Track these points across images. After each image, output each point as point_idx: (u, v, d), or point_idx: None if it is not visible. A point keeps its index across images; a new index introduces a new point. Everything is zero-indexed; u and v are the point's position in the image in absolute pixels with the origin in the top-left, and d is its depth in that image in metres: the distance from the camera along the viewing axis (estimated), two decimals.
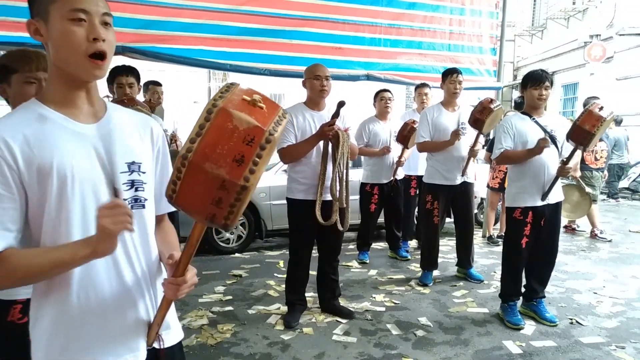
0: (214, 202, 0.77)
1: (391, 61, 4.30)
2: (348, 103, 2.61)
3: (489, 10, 4.74)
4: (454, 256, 3.97)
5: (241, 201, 0.78)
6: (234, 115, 0.77)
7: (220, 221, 0.80)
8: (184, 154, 0.77)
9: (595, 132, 2.54)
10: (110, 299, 0.94)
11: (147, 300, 1.00)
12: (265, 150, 0.78)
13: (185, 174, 0.77)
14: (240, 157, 0.76)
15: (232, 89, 0.83)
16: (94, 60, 0.90)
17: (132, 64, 2.93)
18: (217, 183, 0.76)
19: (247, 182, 0.77)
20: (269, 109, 0.82)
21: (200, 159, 0.76)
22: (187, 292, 0.96)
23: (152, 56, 3.48)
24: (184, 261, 0.92)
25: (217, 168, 0.76)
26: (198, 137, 0.77)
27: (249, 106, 0.80)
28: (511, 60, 14.37)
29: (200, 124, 0.78)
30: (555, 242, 2.90)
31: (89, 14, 0.89)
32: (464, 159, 3.48)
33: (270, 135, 0.78)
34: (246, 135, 0.77)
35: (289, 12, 3.83)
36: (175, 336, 1.11)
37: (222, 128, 0.77)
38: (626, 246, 4.92)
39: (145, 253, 1.01)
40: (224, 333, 2.70)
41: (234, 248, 4.53)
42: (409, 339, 2.66)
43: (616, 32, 10.44)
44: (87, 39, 0.89)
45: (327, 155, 2.65)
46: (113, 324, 0.95)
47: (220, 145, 0.76)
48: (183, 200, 0.80)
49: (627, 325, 2.88)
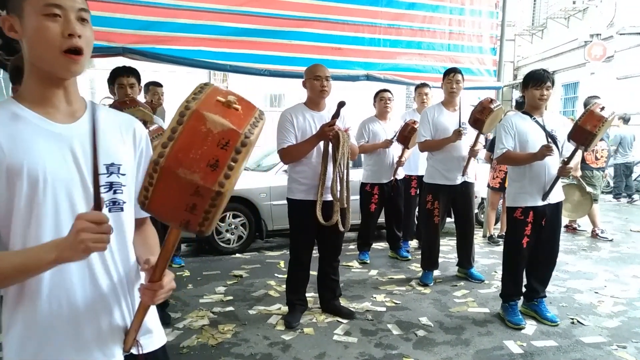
0: (188, 208, 0.75)
1: (391, 61, 4.31)
2: (348, 103, 2.61)
3: (489, 10, 4.74)
4: (454, 256, 3.97)
5: (216, 207, 0.75)
6: (208, 118, 0.74)
7: (195, 227, 0.77)
8: (156, 159, 0.73)
9: (596, 133, 2.54)
10: (84, 305, 0.91)
11: (123, 306, 0.97)
12: (241, 154, 0.75)
13: (158, 180, 0.74)
14: (215, 161, 0.73)
15: (205, 89, 0.80)
16: (69, 55, 0.87)
17: (133, 64, 2.93)
18: (190, 189, 0.73)
19: (222, 187, 0.74)
20: (245, 111, 0.79)
21: (173, 164, 0.73)
22: (164, 298, 0.92)
23: (152, 57, 3.48)
24: (161, 266, 0.87)
25: (191, 173, 0.73)
26: (170, 142, 0.74)
27: (224, 108, 0.77)
28: (511, 60, 14.37)
29: (173, 127, 0.75)
30: (556, 241, 2.90)
31: (64, 9, 0.87)
32: (464, 159, 3.48)
33: (246, 138, 0.75)
34: (221, 138, 0.74)
35: (289, 12, 3.83)
36: (157, 341, 1.08)
37: (196, 131, 0.74)
38: (627, 246, 4.91)
39: (123, 257, 0.98)
40: (225, 333, 2.70)
41: (235, 248, 4.53)
42: (409, 339, 2.66)
43: (616, 31, 10.43)
44: (62, 35, 0.86)
45: (328, 155, 2.65)
46: (87, 330, 0.92)
47: (193, 150, 0.73)
48: (156, 206, 0.77)
49: (628, 325, 2.87)
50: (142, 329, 1.00)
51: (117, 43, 3.32)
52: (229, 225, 4.50)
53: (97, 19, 3.21)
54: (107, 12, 3.26)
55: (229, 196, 0.78)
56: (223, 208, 0.79)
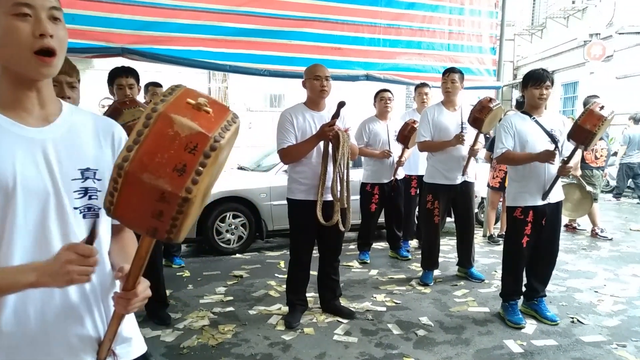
0: (155, 215, 0.71)
1: (390, 61, 4.31)
2: (348, 103, 2.61)
3: (489, 9, 4.74)
4: (454, 256, 3.97)
5: (184, 214, 0.71)
6: (175, 121, 0.71)
7: (163, 235, 0.73)
8: (120, 164, 0.70)
9: (596, 132, 2.54)
10: (53, 315, 0.88)
11: (95, 315, 0.94)
12: (209, 158, 0.71)
13: (122, 185, 0.71)
14: (182, 166, 0.70)
15: (176, 91, 0.77)
16: (41, 57, 0.83)
17: (132, 65, 2.93)
18: (156, 195, 0.70)
19: (189, 193, 0.70)
20: (217, 113, 0.76)
21: (138, 168, 0.70)
22: (140, 307, 0.88)
23: (151, 57, 3.48)
24: (134, 274, 0.84)
25: (156, 179, 0.69)
26: (135, 145, 0.71)
27: (193, 110, 0.74)
28: (511, 60, 14.37)
29: (138, 130, 0.71)
30: (556, 241, 2.90)
31: (34, 8, 0.83)
32: (464, 159, 3.48)
33: (216, 142, 0.72)
34: (188, 142, 0.71)
35: (289, 12, 3.83)
36: (136, 350, 1.05)
37: (162, 135, 0.71)
38: (627, 245, 4.92)
39: (98, 266, 0.92)
40: (225, 334, 2.70)
41: (235, 249, 4.53)
42: (410, 339, 2.66)
43: (616, 30, 10.44)
44: (33, 35, 0.82)
45: (328, 155, 2.65)
46: (57, 341, 0.89)
47: (159, 154, 0.70)
48: (121, 212, 0.74)
49: (628, 324, 2.88)
50: (119, 337, 0.97)
51: (116, 43, 3.31)
52: (229, 225, 4.50)
53: (95, 19, 3.22)
54: (105, 13, 3.25)
55: (199, 203, 0.75)
56: (194, 215, 0.75)
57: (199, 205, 0.76)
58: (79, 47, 3.17)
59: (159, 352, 2.46)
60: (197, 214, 0.80)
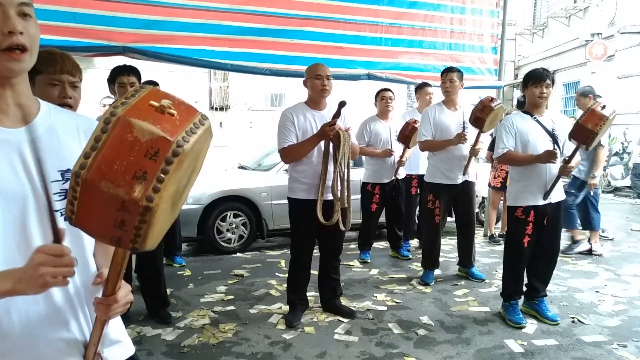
0: (117, 224, 0.68)
1: (392, 60, 4.30)
2: (349, 102, 2.60)
3: (490, 9, 4.74)
4: (455, 255, 3.97)
5: (147, 223, 0.67)
6: (135, 125, 0.67)
7: (127, 245, 0.70)
8: (77, 172, 0.67)
9: (597, 131, 2.53)
10: (38, 319, 0.86)
11: (80, 319, 0.92)
12: (172, 164, 0.67)
13: (81, 194, 0.68)
14: (142, 173, 0.66)
15: (139, 93, 0.73)
16: (10, 52, 0.81)
17: (133, 64, 2.92)
18: (116, 204, 0.66)
19: (150, 202, 0.66)
20: (182, 116, 0.72)
21: (95, 177, 0.66)
22: (121, 312, 0.86)
23: (152, 56, 3.47)
24: (112, 279, 0.82)
25: (115, 187, 0.66)
26: (93, 152, 0.67)
27: (156, 113, 0.69)
28: (512, 59, 14.34)
29: (96, 136, 0.68)
30: (557, 241, 2.90)
31: (1, 4, 0.80)
32: (465, 158, 3.48)
33: (179, 147, 0.67)
34: (149, 147, 0.67)
35: (290, 11, 3.82)
36: (124, 351, 1.04)
37: (121, 140, 0.67)
38: (628, 245, 4.91)
39: (81, 268, 0.91)
40: (226, 332, 2.70)
41: (236, 248, 4.53)
42: (410, 338, 2.66)
43: (617, 30, 10.41)
44: (1, 33, 0.80)
45: (329, 155, 2.65)
46: (43, 346, 0.87)
47: (118, 161, 0.66)
48: (83, 222, 0.71)
49: (629, 324, 2.87)
50: (106, 340, 0.96)
51: (117, 42, 3.31)
52: (229, 224, 4.50)
53: (96, 17, 3.22)
54: (107, 11, 3.25)
55: (165, 210, 0.71)
56: (162, 223, 0.72)
57: (166, 213, 0.73)
58: (80, 45, 3.17)
59: (160, 351, 2.47)
60: (167, 221, 0.76)
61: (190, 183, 0.82)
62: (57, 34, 3.06)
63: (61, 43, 3.00)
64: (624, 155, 9.30)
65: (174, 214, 0.79)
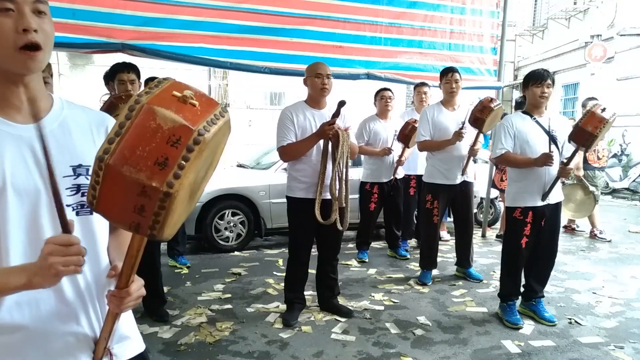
0: (137, 210, 0.69)
1: (392, 60, 4.30)
2: (348, 102, 2.60)
3: (490, 9, 4.73)
4: (453, 255, 3.97)
5: (166, 210, 0.69)
6: (158, 113, 0.69)
7: (145, 231, 0.71)
8: (100, 156, 0.69)
9: (597, 134, 2.52)
10: (49, 314, 0.87)
11: (91, 314, 0.93)
12: (193, 152, 0.69)
13: (103, 179, 0.69)
14: (164, 160, 0.68)
15: (162, 84, 0.75)
16: (26, 51, 0.81)
17: (132, 61, 2.92)
18: (137, 189, 0.68)
19: (170, 188, 0.67)
20: (204, 106, 0.74)
21: (118, 161, 0.68)
22: (134, 305, 0.87)
23: (152, 54, 3.46)
24: (126, 272, 0.83)
25: (137, 172, 0.67)
26: (117, 137, 0.69)
27: (178, 103, 0.72)
28: (512, 60, 14.35)
29: (121, 122, 0.70)
30: (555, 242, 2.90)
31: (17, 2, 0.80)
32: (464, 159, 3.48)
33: (200, 135, 0.69)
34: (171, 135, 0.68)
35: (290, 10, 3.82)
36: (134, 348, 1.04)
37: (144, 127, 0.69)
38: (625, 246, 4.92)
39: (92, 263, 0.92)
40: (223, 331, 2.70)
41: (233, 246, 4.52)
42: (407, 338, 2.66)
43: (617, 32, 10.42)
44: (17, 31, 0.80)
45: (327, 154, 2.65)
46: (53, 340, 0.88)
47: (141, 147, 0.68)
48: (104, 207, 0.73)
49: (625, 326, 2.88)
50: (116, 336, 0.96)
51: (116, 39, 3.30)
52: (227, 223, 4.50)
53: (96, 14, 3.21)
54: (106, 8, 3.24)
55: (184, 199, 0.72)
56: (180, 212, 0.73)
57: (184, 202, 0.74)
58: (79, 42, 3.16)
59: (157, 349, 2.46)
60: (184, 211, 0.77)
61: (208, 177, 0.83)
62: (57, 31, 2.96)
63: (60, 39, 2.99)
64: (622, 157, 9.32)
65: (191, 205, 0.80)
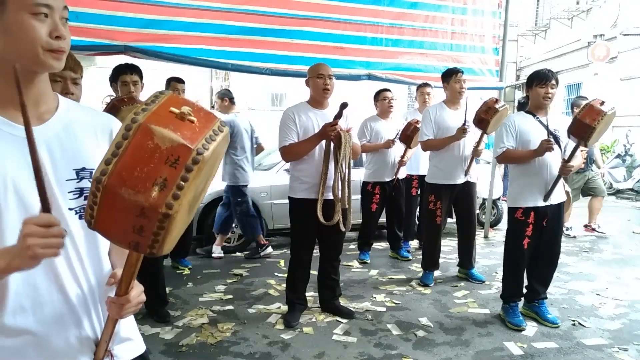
0: (136, 230, 0.69)
1: (393, 61, 4.30)
2: (350, 103, 2.60)
3: (492, 9, 4.73)
4: (455, 256, 3.96)
5: (165, 229, 0.68)
6: (155, 132, 0.68)
7: (145, 250, 0.71)
8: (98, 177, 0.68)
9: (595, 126, 2.51)
10: (52, 317, 0.87)
11: (93, 316, 0.93)
12: (192, 172, 0.68)
13: (101, 200, 0.69)
14: (162, 180, 0.67)
15: (159, 99, 0.73)
16: (53, 52, 0.84)
17: (135, 63, 2.93)
18: (136, 210, 0.67)
19: (169, 209, 0.67)
20: (202, 122, 0.72)
21: (116, 183, 0.67)
22: (134, 312, 0.88)
23: (154, 55, 3.48)
24: (126, 280, 0.83)
25: (135, 194, 0.66)
26: (114, 158, 0.68)
27: (176, 120, 0.70)
28: (514, 61, 14.32)
29: (117, 142, 0.69)
30: (557, 242, 2.88)
31: (52, 9, 0.83)
32: (467, 159, 3.47)
33: (199, 154, 0.68)
34: (169, 155, 0.67)
35: (291, 11, 3.83)
36: (135, 349, 1.04)
37: (142, 147, 0.67)
38: (629, 247, 4.89)
39: (95, 266, 0.93)
40: (224, 332, 2.70)
41: (235, 247, 4.53)
42: (409, 339, 2.65)
43: (620, 32, 10.38)
44: (50, 36, 0.83)
45: (329, 154, 2.65)
46: (56, 342, 0.88)
47: (138, 168, 0.67)
48: (102, 226, 0.72)
49: (629, 327, 2.86)
50: (117, 338, 0.97)
51: (118, 41, 3.31)
52: None
53: (99, 16, 3.23)
54: (109, 10, 3.26)
55: (182, 216, 0.72)
56: (179, 228, 0.73)
57: (183, 218, 0.74)
58: (82, 44, 3.18)
59: (158, 350, 2.46)
60: (184, 225, 0.77)
61: (207, 188, 0.82)
62: None
63: None
64: (626, 158, 9.26)
65: (190, 218, 0.80)
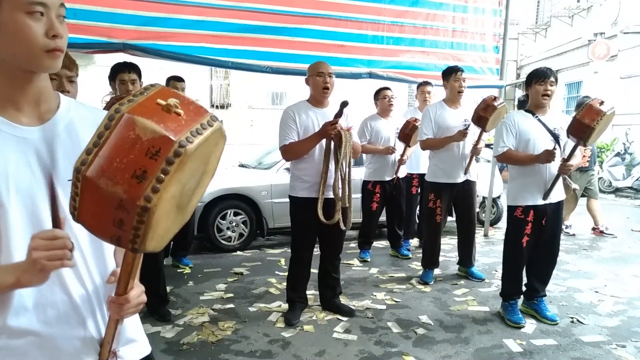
0: (116, 223, 0.67)
1: (394, 59, 4.29)
2: (350, 101, 2.60)
3: (492, 8, 4.72)
4: (455, 255, 3.97)
5: (145, 224, 0.66)
6: (138, 123, 0.65)
7: (127, 244, 0.69)
8: (78, 167, 0.67)
9: (594, 126, 2.51)
10: (56, 317, 0.87)
11: (98, 317, 0.93)
12: (173, 165, 0.65)
13: (82, 191, 0.67)
14: (142, 172, 0.64)
15: (148, 91, 0.72)
16: (51, 52, 0.83)
17: (135, 61, 2.92)
18: (114, 202, 0.65)
19: (148, 202, 0.64)
20: (190, 115, 0.70)
21: (95, 173, 0.65)
22: (134, 312, 0.87)
23: (153, 53, 3.47)
24: (123, 279, 0.82)
25: (113, 185, 0.65)
26: (95, 148, 0.66)
27: (162, 112, 0.68)
28: (514, 59, 14.31)
29: (100, 132, 0.67)
30: (556, 241, 2.89)
31: (48, 7, 0.81)
32: (466, 157, 3.47)
33: (181, 147, 0.65)
34: (150, 146, 0.65)
35: (292, 9, 3.82)
36: (140, 350, 1.03)
37: (123, 138, 0.65)
38: (628, 245, 4.90)
39: (99, 267, 0.93)
40: (225, 330, 2.71)
41: (236, 246, 4.53)
42: (409, 337, 2.66)
43: (620, 30, 10.37)
44: (47, 36, 0.82)
45: (330, 153, 2.65)
46: (59, 343, 0.88)
47: (118, 158, 0.65)
48: (84, 218, 0.71)
49: (628, 324, 2.87)
50: (122, 338, 0.97)
51: (117, 39, 3.30)
52: (230, 222, 4.51)
53: (97, 14, 3.21)
54: (107, 8, 3.25)
55: (167, 212, 0.69)
56: (164, 226, 0.70)
57: (169, 215, 0.71)
58: (81, 42, 3.16)
59: (159, 348, 2.47)
60: (174, 224, 0.74)
61: (202, 186, 0.80)
62: None
63: None
64: (626, 156, 9.27)
65: (183, 217, 0.77)
